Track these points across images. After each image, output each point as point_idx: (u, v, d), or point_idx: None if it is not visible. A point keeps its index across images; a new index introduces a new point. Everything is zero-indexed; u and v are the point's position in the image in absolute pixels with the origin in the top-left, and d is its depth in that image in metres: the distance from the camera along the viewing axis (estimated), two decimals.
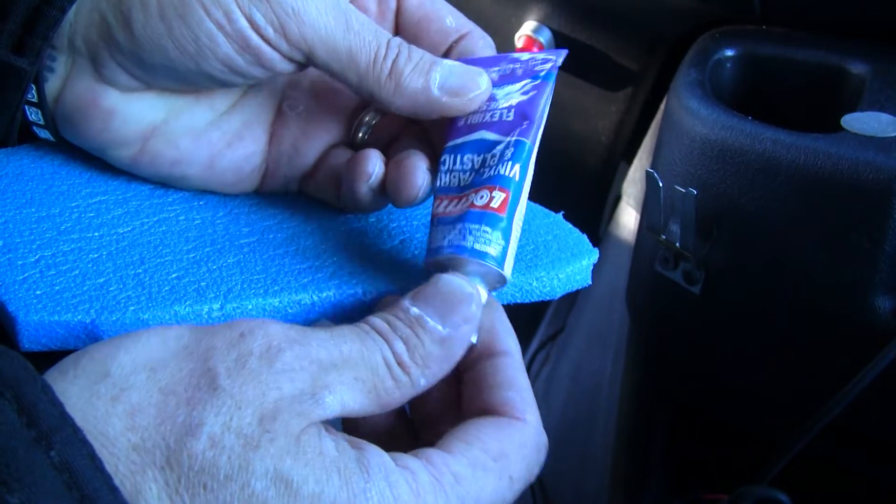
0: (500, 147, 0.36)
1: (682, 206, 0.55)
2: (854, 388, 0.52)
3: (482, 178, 0.35)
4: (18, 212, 0.39)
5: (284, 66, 0.37)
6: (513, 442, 0.32)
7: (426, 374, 0.32)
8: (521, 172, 0.35)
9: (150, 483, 0.26)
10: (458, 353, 0.32)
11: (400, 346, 0.31)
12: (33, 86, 0.38)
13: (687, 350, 0.64)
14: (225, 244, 0.39)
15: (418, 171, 0.37)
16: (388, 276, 0.38)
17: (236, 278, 0.37)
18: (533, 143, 0.36)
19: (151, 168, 0.40)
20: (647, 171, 0.56)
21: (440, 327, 0.32)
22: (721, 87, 0.61)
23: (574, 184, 0.81)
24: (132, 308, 0.35)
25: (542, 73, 0.38)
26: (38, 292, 0.35)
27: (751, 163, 0.54)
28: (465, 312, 0.32)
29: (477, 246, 0.34)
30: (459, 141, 0.37)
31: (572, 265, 0.39)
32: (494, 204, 0.34)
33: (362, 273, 0.38)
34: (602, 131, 0.77)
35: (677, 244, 0.57)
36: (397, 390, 0.31)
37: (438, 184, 0.36)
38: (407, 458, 0.30)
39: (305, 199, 0.42)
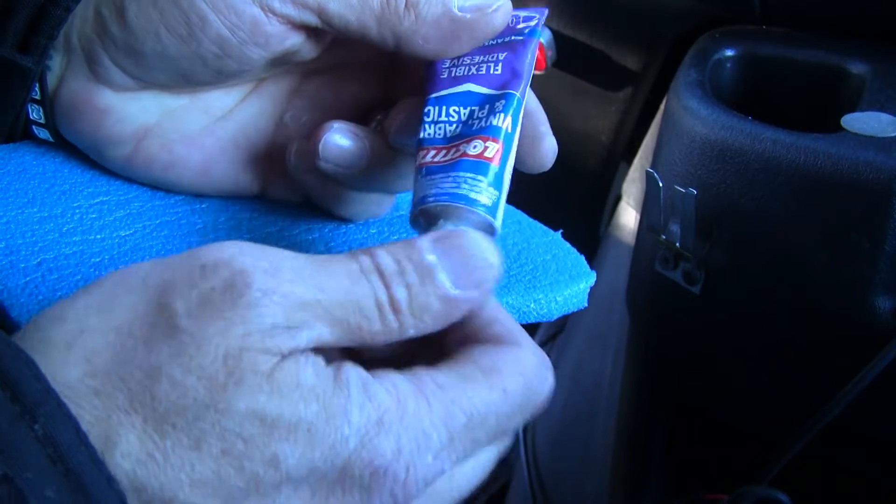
0: (489, 100, 0.36)
1: (682, 206, 0.55)
2: (854, 388, 0.52)
3: (472, 129, 0.35)
4: (20, 211, 0.39)
5: (291, 40, 0.36)
6: (506, 359, 0.29)
7: (418, 326, 0.29)
8: (512, 125, 0.35)
9: (117, 428, 0.25)
10: (458, 315, 0.30)
11: (401, 293, 0.29)
12: (37, 83, 0.38)
13: (687, 350, 0.64)
14: None
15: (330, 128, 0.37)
16: None
17: None
18: (523, 96, 0.36)
19: (145, 171, 0.40)
20: (647, 171, 0.56)
21: (450, 286, 0.29)
22: (721, 87, 0.61)
23: (574, 184, 0.81)
24: None
25: (527, 31, 0.38)
26: (39, 298, 0.35)
27: (751, 163, 0.54)
28: (480, 279, 0.30)
29: (472, 195, 0.33)
30: (444, 93, 0.37)
31: (570, 288, 0.39)
32: (488, 154, 0.34)
33: None
34: (602, 131, 0.77)
35: (677, 244, 0.57)
36: (382, 334, 0.29)
37: (423, 135, 0.36)
38: (387, 372, 0.28)
39: (308, 206, 0.42)
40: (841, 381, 0.52)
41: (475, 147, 0.34)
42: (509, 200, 0.44)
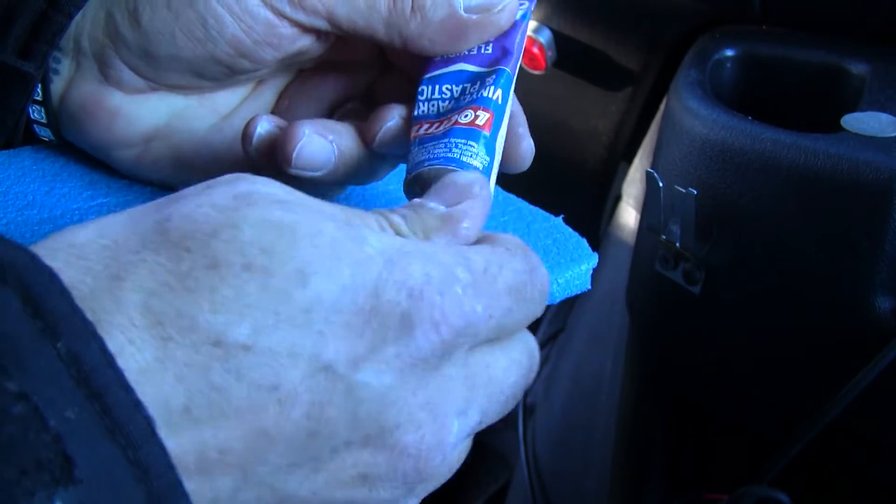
0: (480, 76, 0.37)
1: (682, 206, 0.55)
2: (854, 388, 0.52)
3: (464, 102, 0.36)
4: (20, 213, 0.39)
5: (301, 42, 0.36)
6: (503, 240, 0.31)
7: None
8: (503, 97, 0.36)
9: (126, 266, 0.24)
10: (459, 227, 0.30)
11: (397, 219, 0.29)
12: (39, 84, 0.38)
13: (687, 350, 0.64)
14: None
15: (301, 127, 0.35)
16: None
17: None
18: (513, 72, 0.37)
19: (154, 171, 0.40)
20: (647, 171, 0.56)
21: (441, 207, 0.30)
22: (721, 87, 0.61)
23: (574, 184, 0.81)
24: None
25: (518, 14, 0.39)
26: None
27: (751, 163, 0.54)
28: (467, 191, 0.31)
29: (464, 158, 0.34)
30: (437, 73, 0.37)
31: (572, 270, 0.39)
32: (480, 122, 0.35)
33: None
34: (602, 131, 0.77)
35: (677, 244, 0.57)
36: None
37: (416, 112, 0.37)
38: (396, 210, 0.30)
39: None
40: (841, 381, 0.52)
41: (466, 116, 0.35)
42: None
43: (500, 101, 0.36)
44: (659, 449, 0.72)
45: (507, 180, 0.45)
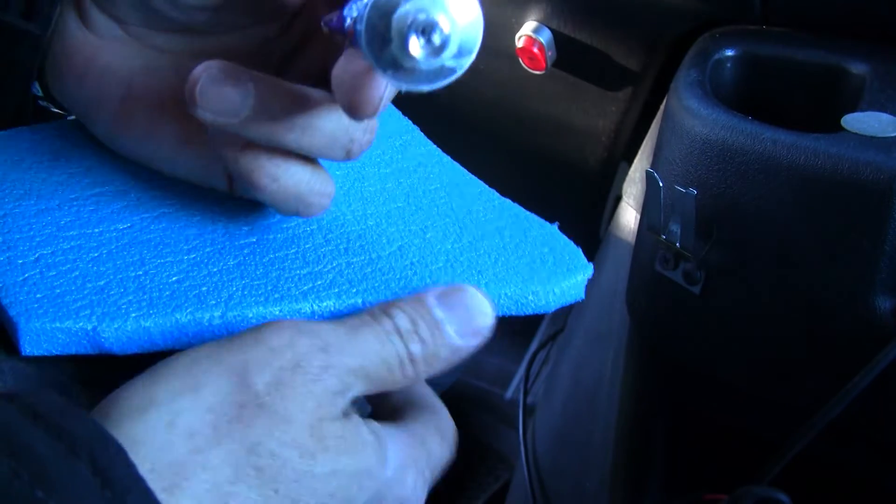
0: None
1: (682, 206, 0.55)
2: (854, 388, 0.52)
3: None
4: (17, 204, 0.39)
5: None
6: (440, 418, 0.37)
7: (429, 371, 0.34)
8: None
9: (226, 499, 0.28)
10: (459, 361, 0.35)
11: (417, 348, 0.34)
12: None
13: (687, 350, 0.64)
14: (225, 244, 0.39)
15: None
16: (386, 286, 0.38)
17: (237, 283, 0.37)
18: None
19: (127, 138, 0.40)
20: (647, 171, 0.56)
21: (456, 336, 0.34)
22: (721, 87, 0.61)
23: (574, 184, 0.81)
24: (133, 315, 0.35)
25: None
26: (38, 296, 0.35)
27: (751, 163, 0.54)
28: (480, 328, 0.35)
29: None
30: None
31: (567, 280, 0.39)
32: None
33: (361, 282, 0.38)
34: (602, 131, 0.77)
35: (677, 244, 0.57)
36: (402, 382, 0.34)
37: (347, 24, 0.31)
38: (385, 424, 0.35)
39: None
40: (841, 381, 0.52)
41: None
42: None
43: None
44: (659, 449, 0.72)
45: (506, 180, 0.45)
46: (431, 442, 0.36)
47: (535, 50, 0.73)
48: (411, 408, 0.37)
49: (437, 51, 0.28)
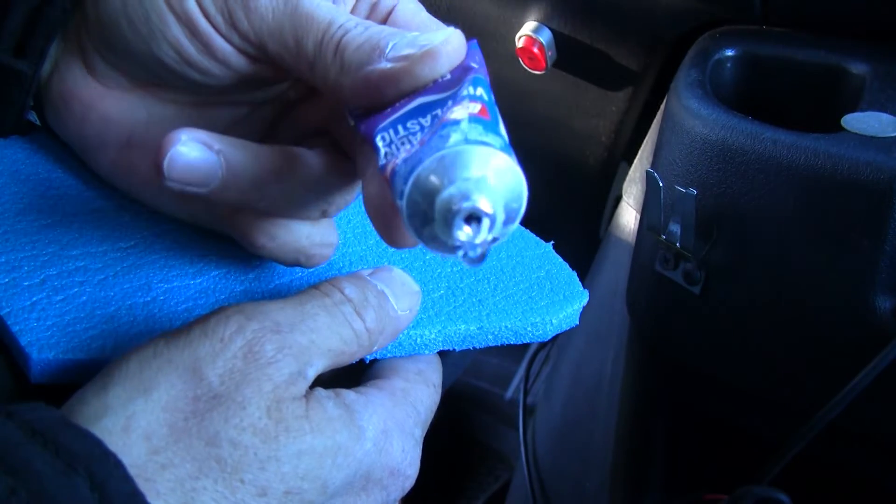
0: (450, 95, 0.30)
1: (682, 206, 0.55)
2: (854, 388, 0.52)
3: (440, 119, 0.29)
4: (17, 220, 0.38)
5: (240, 63, 0.35)
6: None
7: (379, 342, 0.35)
8: (486, 93, 0.30)
9: (192, 494, 0.28)
10: (397, 335, 0.36)
11: (371, 316, 0.34)
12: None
13: (687, 350, 0.64)
14: (231, 268, 0.39)
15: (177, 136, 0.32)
16: None
17: None
18: (485, 76, 0.31)
19: (128, 181, 0.39)
20: (647, 171, 0.56)
21: (396, 307, 0.35)
22: (721, 87, 0.61)
23: (574, 184, 0.81)
24: None
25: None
26: (48, 323, 0.35)
27: (751, 163, 0.54)
28: (413, 303, 0.36)
29: (472, 136, 0.27)
30: (395, 116, 0.31)
31: (565, 310, 0.40)
32: (474, 110, 0.28)
33: None
34: (602, 131, 0.77)
35: (677, 244, 0.57)
36: (358, 354, 0.34)
37: (382, 162, 0.29)
38: (364, 389, 0.35)
39: None
40: (841, 381, 0.52)
41: (453, 113, 0.28)
42: None
43: (486, 98, 0.29)
44: (659, 449, 0.72)
45: None
46: (417, 393, 0.35)
47: (535, 50, 0.73)
48: (391, 363, 0.37)
49: (483, 233, 0.27)
